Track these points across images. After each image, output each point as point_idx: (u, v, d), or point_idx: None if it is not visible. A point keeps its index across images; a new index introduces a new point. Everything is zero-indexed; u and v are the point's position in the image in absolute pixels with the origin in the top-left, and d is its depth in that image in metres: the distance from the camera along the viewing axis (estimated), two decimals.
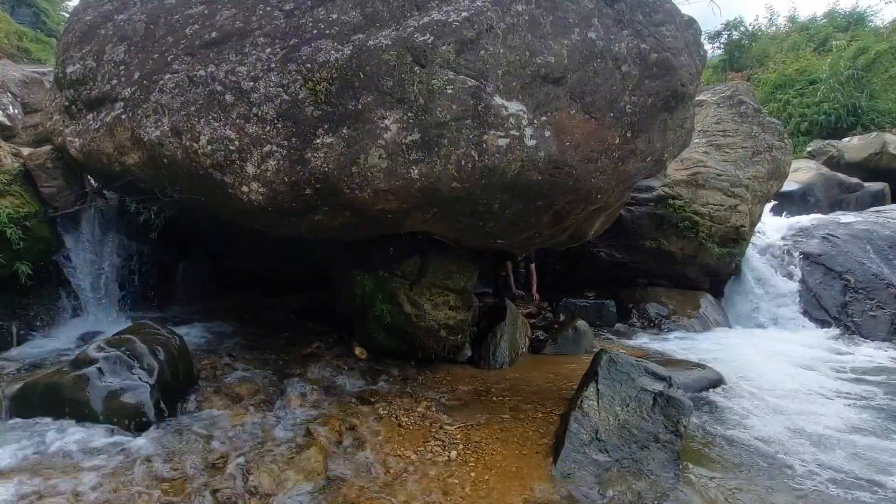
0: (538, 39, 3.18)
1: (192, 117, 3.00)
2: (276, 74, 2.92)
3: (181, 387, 3.26)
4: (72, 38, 3.68)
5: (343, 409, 3.35)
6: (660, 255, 6.25)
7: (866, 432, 3.41)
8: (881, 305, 5.99)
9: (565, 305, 5.98)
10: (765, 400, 3.88)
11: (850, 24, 17.93)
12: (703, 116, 7.30)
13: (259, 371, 3.75)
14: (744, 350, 5.21)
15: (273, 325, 4.85)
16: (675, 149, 4.28)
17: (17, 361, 3.68)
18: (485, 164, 3.02)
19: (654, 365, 3.27)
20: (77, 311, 4.45)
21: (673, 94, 3.73)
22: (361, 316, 4.27)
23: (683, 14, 3.97)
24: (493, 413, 3.42)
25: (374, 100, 2.87)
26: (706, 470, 2.85)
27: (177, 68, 3.11)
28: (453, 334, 4.32)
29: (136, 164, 3.31)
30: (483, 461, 2.84)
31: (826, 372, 4.66)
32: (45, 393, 2.92)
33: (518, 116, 3.06)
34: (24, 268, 3.80)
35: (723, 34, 19.79)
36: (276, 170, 2.95)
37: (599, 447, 2.84)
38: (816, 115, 14.00)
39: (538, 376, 4.19)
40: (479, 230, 3.73)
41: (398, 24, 2.99)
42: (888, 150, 11.70)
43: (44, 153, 4.10)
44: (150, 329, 3.46)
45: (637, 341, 5.43)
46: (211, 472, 2.55)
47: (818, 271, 6.49)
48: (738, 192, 6.24)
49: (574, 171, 3.36)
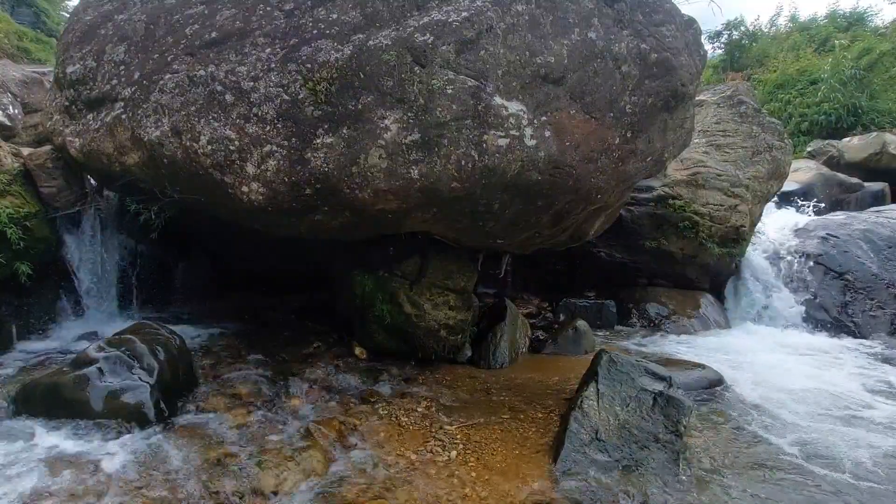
0: (538, 39, 3.18)
1: (192, 117, 3.00)
2: (276, 74, 2.92)
3: (181, 387, 3.26)
4: (72, 38, 3.68)
5: (343, 409, 3.35)
6: (660, 255, 6.25)
7: (866, 431, 3.41)
8: (881, 305, 5.99)
9: (565, 305, 5.97)
10: (765, 399, 3.88)
11: (850, 25, 17.92)
12: (703, 116, 7.30)
13: (259, 371, 3.76)
14: (744, 350, 5.21)
15: (273, 325, 4.85)
16: (676, 149, 4.28)
17: (17, 361, 3.68)
18: (485, 164, 3.02)
19: (654, 365, 3.27)
20: (77, 311, 4.45)
21: (673, 94, 3.73)
22: (361, 316, 4.27)
23: (683, 14, 3.97)
24: (493, 413, 3.42)
25: (374, 100, 2.87)
26: (707, 470, 2.85)
27: (177, 68, 3.11)
28: (453, 334, 4.32)
29: (136, 164, 3.31)
30: (483, 461, 2.84)
31: (826, 371, 4.66)
32: (45, 393, 2.92)
33: (518, 116, 3.07)
34: (24, 268, 3.80)
35: (723, 34, 19.77)
36: (276, 170, 2.95)
37: (599, 447, 2.84)
38: (817, 115, 13.98)
39: (538, 376, 4.19)
40: (479, 230, 3.73)
41: (398, 24, 2.99)
42: (888, 150, 11.68)
43: (44, 153, 4.10)
44: (150, 329, 3.46)
45: (637, 341, 5.43)
46: (211, 472, 2.55)
47: (818, 271, 6.49)
48: (738, 192, 6.24)
49: (574, 171, 3.36)
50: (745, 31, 19.93)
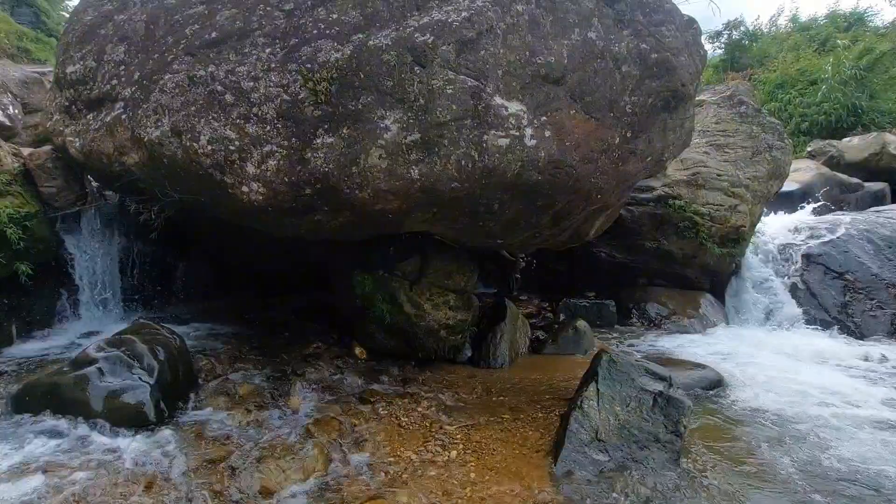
0: (538, 39, 3.18)
1: (192, 117, 3.00)
2: (276, 74, 2.92)
3: (181, 387, 3.26)
4: (72, 38, 3.68)
5: (343, 408, 3.35)
6: (660, 255, 6.24)
7: (867, 429, 3.41)
8: (881, 305, 5.99)
9: (565, 305, 5.97)
10: (765, 399, 3.88)
11: (850, 25, 17.91)
12: (703, 116, 7.30)
13: (259, 371, 3.76)
14: (744, 350, 5.20)
15: (273, 325, 4.85)
16: (676, 149, 4.28)
17: (18, 361, 3.69)
18: (485, 164, 3.02)
19: (654, 365, 3.27)
20: (77, 310, 4.45)
21: (673, 94, 3.73)
22: (361, 316, 4.27)
23: (683, 14, 3.97)
24: (493, 413, 3.42)
25: (374, 100, 2.87)
26: (707, 470, 2.85)
27: (177, 68, 3.11)
28: (453, 334, 4.32)
29: (136, 164, 3.31)
30: (483, 461, 2.84)
31: (826, 371, 4.66)
32: (45, 392, 2.93)
33: (518, 116, 3.07)
34: (24, 268, 3.81)
35: (723, 34, 19.75)
36: (276, 170, 2.95)
37: (599, 447, 2.84)
38: (817, 115, 13.96)
39: (538, 376, 4.19)
40: (479, 230, 3.73)
41: (398, 24, 2.99)
42: (888, 151, 11.67)
43: (44, 153, 4.11)
44: (150, 329, 3.46)
45: (637, 341, 5.43)
46: (211, 472, 2.55)
47: (818, 271, 6.49)
48: (738, 192, 6.24)
49: (574, 171, 3.36)
50: (746, 31, 19.91)
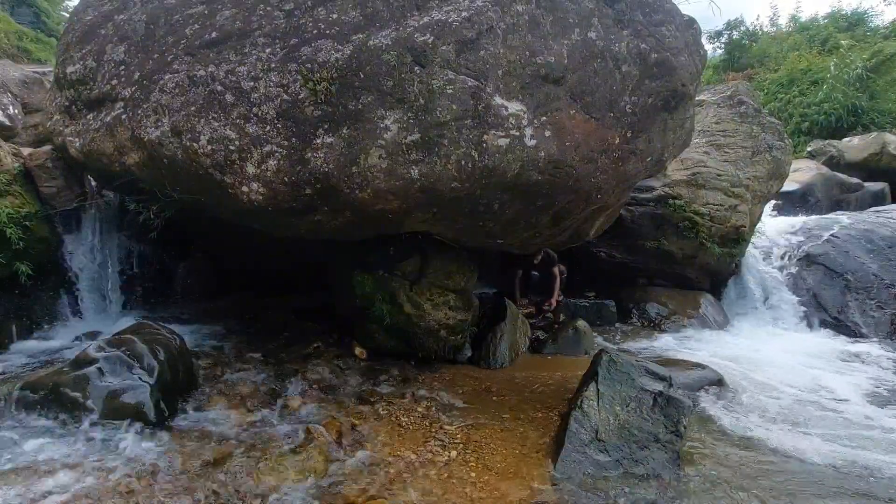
0: (538, 39, 3.18)
1: (192, 117, 3.00)
2: (276, 74, 2.92)
3: (181, 387, 3.26)
4: (72, 38, 3.68)
5: (343, 408, 3.35)
6: (660, 255, 6.24)
7: (867, 429, 3.41)
8: (881, 305, 5.99)
9: (565, 305, 5.97)
10: (765, 399, 3.88)
11: (850, 25, 17.91)
12: (703, 116, 7.29)
13: (259, 371, 3.76)
14: (744, 349, 5.21)
15: (273, 325, 4.85)
16: (676, 149, 4.28)
17: (17, 361, 3.68)
18: (485, 164, 3.02)
19: (654, 365, 3.27)
20: (77, 310, 4.45)
21: (673, 94, 3.73)
22: (361, 316, 4.27)
23: (683, 14, 3.97)
24: (493, 413, 3.42)
25: (374, 100, 2.87)
26: (707, 470, 2.85)
27: (177, 68, 3.11)
28: (453, 334, 4.32)
29: (136, 164, 3.31)
30: (483, 461, 2.84)
31: (826, 371, 4.66)
32: (45, 392, 2.92)
33: (518, 116, 3.07)
34: (24, 268, 3.81)
35: (723, 34, 19.75)
36: (276, 170, 2.95)
37: (599, 447, 2.84)
38: (817, 115, 13.97)
39: (538, 376, 4.18)
40: (479, 230, 3.73)
41: (398, 24, 2.99)
42: (888, 151, 11.67)
43: (44, 153, 4.11)
44: (150, 329, 3.46)
45: (637, 341, 5.43)
46: (211, 472, 2.55)
47: (818, 271, 6.49)
48: (738, 192, 6.24)
49: (574, 171, 3.36)
50: (746, 30, 19.92)
